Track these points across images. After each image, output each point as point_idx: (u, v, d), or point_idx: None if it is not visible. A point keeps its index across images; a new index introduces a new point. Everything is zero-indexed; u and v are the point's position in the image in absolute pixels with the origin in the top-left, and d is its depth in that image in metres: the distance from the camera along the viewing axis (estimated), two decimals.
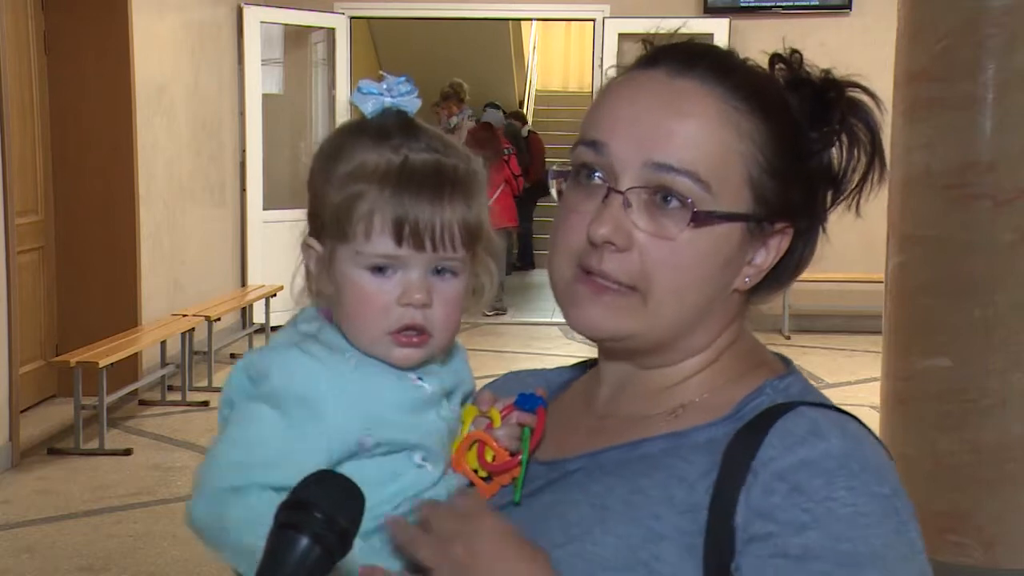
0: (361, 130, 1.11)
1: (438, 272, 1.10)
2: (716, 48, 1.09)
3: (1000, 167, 3.54)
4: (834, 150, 1.09)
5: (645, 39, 1.12)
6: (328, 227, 1.10)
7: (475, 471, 1.13)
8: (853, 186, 1.09)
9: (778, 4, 9.15)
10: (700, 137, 1.02)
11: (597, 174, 1.05)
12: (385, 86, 1.11)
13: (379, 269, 1.09)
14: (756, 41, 1.14)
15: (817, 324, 8.89)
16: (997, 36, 3.52)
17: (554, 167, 1.11)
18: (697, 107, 1.03)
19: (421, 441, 1.11)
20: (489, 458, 1.12)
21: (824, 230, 1.11)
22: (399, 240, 1.07)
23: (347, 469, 1.05)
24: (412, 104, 1.12)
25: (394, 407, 1.10)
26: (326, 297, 1.12)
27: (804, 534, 0.93)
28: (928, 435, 3.66)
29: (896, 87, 3.75)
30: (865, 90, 1.09)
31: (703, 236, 1.03)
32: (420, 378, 1.12)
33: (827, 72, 1.09)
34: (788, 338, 8.44)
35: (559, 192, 1.10)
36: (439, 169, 1.08)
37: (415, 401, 1.12)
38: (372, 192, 1.07)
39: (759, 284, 1.10)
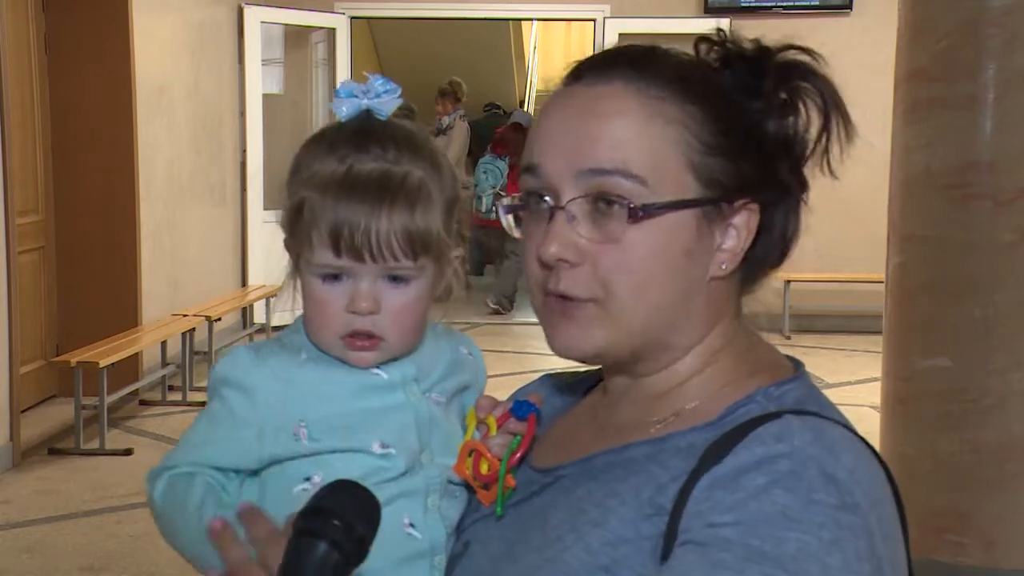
0: (319, 139, 1.13)
1: (392, 279, 1.10)
2: (632, 47, 1.07)
3: (1000, 167, 3.54)
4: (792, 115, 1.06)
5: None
6: (286, 234, 1.14)
7: (473, 478, 1.14)
8: (815, 146, 1.06)
9: (779, 4, 9.15)
10: (625, 134, 1.01)
11: (543, 197, 1.04)
12: (363, 87, 1.13)
13: (332, 277, 1.10)
14: None
15: (817, 324, 8.90)
16: (997, 36, 3.52)
17: (504, 201, 1.10)
18: (617, 106, 1.02)
19: (374, 431, 1.11)
20: (484, 469, 1.12)
21: (805, 200, 1.08)
22: (337, 251, 1.08)
23: (282, 469, 1.10)
24: (389, 105, 1.13)
25: (341, 401, 1.12)
26: None
27: (720, 526, 0.90)
28: (928, 435, 3.66)
29: (896, 87, 3.75)
30: (802, 49, 1.07)
31: (649, 231, 1.00)
32: (378, 367, 1.14)
33: (757, 41, 1.08)
34: (788, 338, 8.44)
35: (513, 226, 1.09)
36: (383, 178, 1.08)
37: (368, 388, 1.13)
38: (313, 201, 1.09)
39: (747, 270, 1.07)
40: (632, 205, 0.99)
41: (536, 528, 1.04)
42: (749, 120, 1.05)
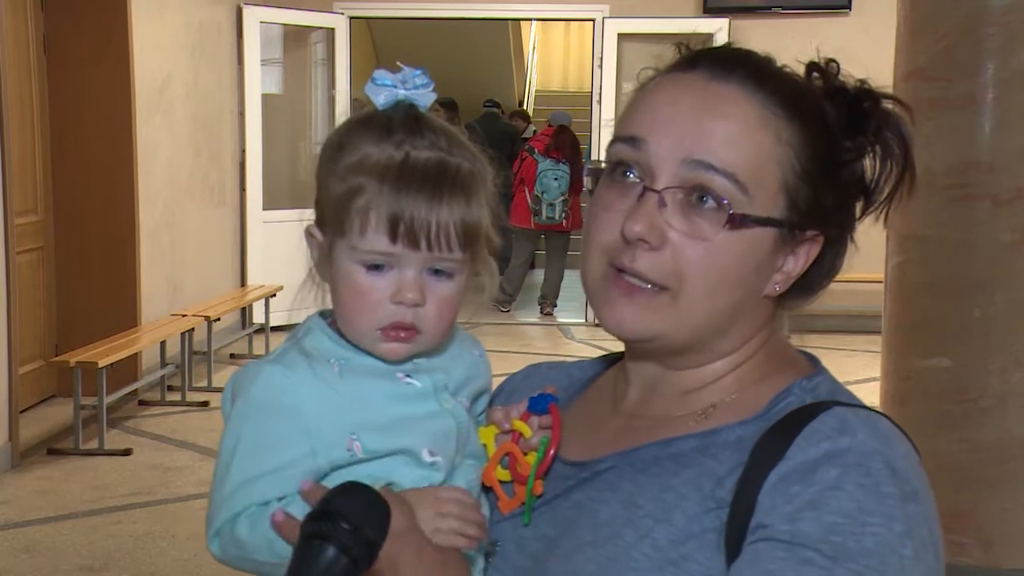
0: (368, 123, 1.10)
1: (435, 272, 1.09)
2: (754, 54, 1.09)
3: (1000, 167, 3.54)
4: (867, 161, 1.09)
5: (680, 43, 1.12)
6: (328, 219, 1.10)
7: (505, 483, 1.12)
8: (883, 197, 1.09)
9: (778, 4, 9.14)
10: (740, 139, 1.03)
11: (632, 172, 1.05)
12: (400, 77, 1.11)
13: (375, 266, 1.08)
14: (756, 41, 1.13)
15: (817, 324, 8.88)
16: (997, 36, 3.52)
17: (588, 165, 1.11)
18: (737, 110, 1.04)
19: (422, 438, 1.10)
20: (521, 469, 1.12)
21: (853, 240, 1.11)
22: (393, 238, 1.06)
23: (344, 475, 1.05)
24: (426, 98, 1.12)
25: (383, 407, 1.10)
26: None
27: (798, 521, 0.93)
28: (928, 435, 3.66)
29: (896, 87, 3.75)
30: (900, 102, 1.09)
31: (737, 239, 1.03)
32: (408, 376, 1.12)
33: (863, 82, 1.09)
34: (788, 338, 8.42)
35: (591, 190, 1.10)
36: (441, 168, 1.07)
37: (405, 397, 1.11)
38: (371, 187, 1.06)
39: (789, 291, 1.10)
40: (732, 211, 1.02)
41: (582, 524, 1.04)
42: (841, 157, 1.07)
